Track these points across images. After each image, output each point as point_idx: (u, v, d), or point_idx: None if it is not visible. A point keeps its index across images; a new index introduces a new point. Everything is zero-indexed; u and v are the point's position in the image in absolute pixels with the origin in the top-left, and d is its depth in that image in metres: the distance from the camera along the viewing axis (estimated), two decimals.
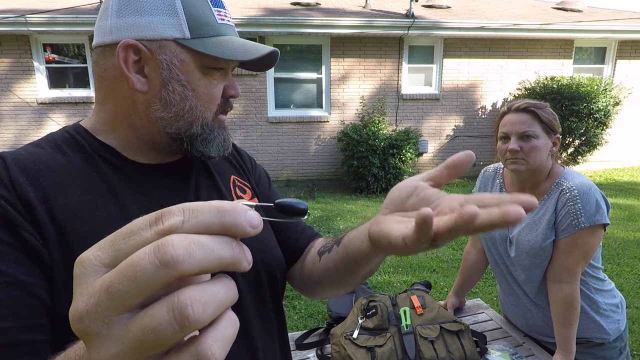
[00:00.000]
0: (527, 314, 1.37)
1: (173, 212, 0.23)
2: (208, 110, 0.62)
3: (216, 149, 0.64)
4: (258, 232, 0.24)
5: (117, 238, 0.23)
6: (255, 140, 7.02)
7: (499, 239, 1.35)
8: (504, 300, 1.47)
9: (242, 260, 0.24)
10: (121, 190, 0.57)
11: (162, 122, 0.60)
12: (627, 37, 7.16)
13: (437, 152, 7.52)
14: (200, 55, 0.58)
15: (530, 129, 1.20)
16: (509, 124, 1.23)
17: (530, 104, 1.22)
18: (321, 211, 5.30)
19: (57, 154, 0.57)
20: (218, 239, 0.23)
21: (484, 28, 6.72)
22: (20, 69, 6.44)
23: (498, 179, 1.41)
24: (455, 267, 3.59)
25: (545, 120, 1.21)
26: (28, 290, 0.47)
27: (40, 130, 6.61)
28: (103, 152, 0.60)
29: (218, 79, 0.62)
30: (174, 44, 0.57)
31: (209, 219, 0.23)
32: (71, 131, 0.61)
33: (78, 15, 6.00)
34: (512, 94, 7.38)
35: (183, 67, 0.58)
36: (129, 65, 0.57)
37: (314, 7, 7.46)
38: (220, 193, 0.69)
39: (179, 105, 0.59)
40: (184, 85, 0.59)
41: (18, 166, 0.53)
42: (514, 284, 1.37)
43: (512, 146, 1.21)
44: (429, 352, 1.22)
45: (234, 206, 0.24)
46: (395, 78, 7.14)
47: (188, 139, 0.61)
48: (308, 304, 2.96)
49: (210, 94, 0.62)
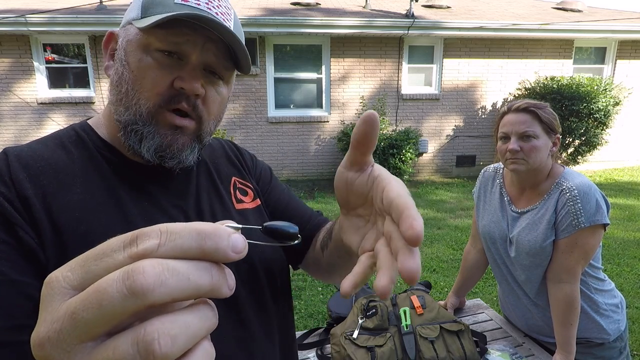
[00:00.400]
0: (527, 314, 1.37)
1: (149, 234, 0.21)
2: (144, 98, 0.55)
3: (147, 149, 0.56)
4: (242, 257, 0.23)
5: (89, 259, 0.21)
6: (255, 140, 7.02)
7: (499, 239, 1.35)
8: (504, 301, 1.47)
9: (222, 287, 0.22)
10: (121, 191, 0.57)
11: (112, 108, 0.58)
12: (627, 37, 7.16)
13: (437, 152, 7.52)
14: (144, 34, 0.55)
15: (530, 129, 1.20)
16: (509, 124, 1.24)
17: (530, 104, 1.22)
18: (321, 211, 5.30)
19: (60, 152, 0.57)
20: (196, 265, 0.21)
21: (484, 28, 6.72)
22: (20, 69, 6.44)
23: (498, 178, 1.41)
24: (455, 267, 3.59)
25: (545, 120, 1.21)
26: (21, 290, 0.46)
27: (40, 130, 6.61)
28: (105, 150, 0.60)
29: (167, 65, 0.55)
30: (131, 26, 0.57)
31: (188, 243, 0.21)
32: (77, 129, 0.61)
33: (78, 15, 6.00)
34: (512, 94, 7.38)
35: (128, 47, 0.56)
36: (107, 52, 0.61)
37: (314, 7, 7.46)
38: (221, 196, 0.68)
39: (118, 87, 0.56)
40: (124, 65, 0.55)
41: (20, 163, 0.53)
42: (514, 284, 1.37)
43: (512, 146, 1.21)
44: (429, 352, 1.22)
45: (216, 230, 0.22)
46: (395, 78, 7.14)
47: (124, 128, 0.56)
48: (308, 304, 2.96)
49: (149, 79, 0.54)
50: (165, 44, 0.54)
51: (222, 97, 0.61)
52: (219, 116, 0.63)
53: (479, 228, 1.44)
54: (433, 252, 3.94)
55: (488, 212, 1.41)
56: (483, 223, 1.41)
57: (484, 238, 1.42)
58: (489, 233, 1.37)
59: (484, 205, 1.44)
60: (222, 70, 0.59)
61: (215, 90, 0.59)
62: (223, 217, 0.65)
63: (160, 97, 0.55)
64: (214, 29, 0.54)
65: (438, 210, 5.37)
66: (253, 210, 0.71)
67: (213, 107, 0.60)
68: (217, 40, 0.56)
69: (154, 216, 0.58)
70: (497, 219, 1.36)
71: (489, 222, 1.38)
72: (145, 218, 0.57)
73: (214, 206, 0.65)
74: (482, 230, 1.42)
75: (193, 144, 0.59)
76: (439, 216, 5.13)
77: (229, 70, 0.60)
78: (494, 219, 1.37)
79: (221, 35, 0.55)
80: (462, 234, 4.40)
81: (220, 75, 0.60)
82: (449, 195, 6.21)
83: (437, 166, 7.58)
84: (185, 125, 0.57)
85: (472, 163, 7.63)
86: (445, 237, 4.31)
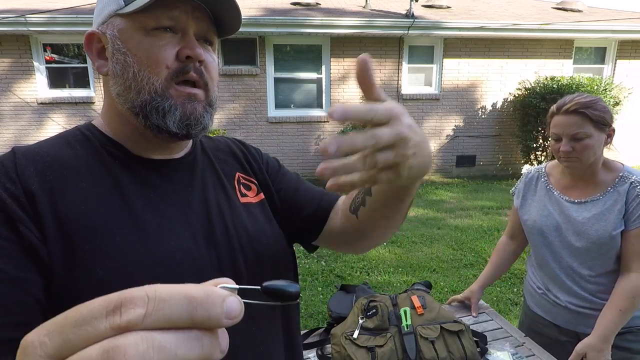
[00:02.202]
0: (576, 307, 1.36)
1: (134, 301, 0.19)
2: (154, 75, 0.56)
3: (173, 122, 0.57)
4: (237, 322, 0.21)
5: (68, 324, 0.20)
6: (255, 140, 7.02)
7: (552, 231, 1.36)
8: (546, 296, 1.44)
9: (214, 354, 0.21)
10: (126, 184, 0.58)
11: (121, 99, 0.59)
12: (627, 37, 7.17)
13: (437, 152, 7.52)
14: (136, 18, 0.56)
15: (581, 131, 1.22)
16: (560, 126, 1.26)
17: (579, 105, 1.22)
18: None
19: (65, 149, 0.58)
20: (184, 337, 0.20)
21: (484, 28, 6.72)
22: (20, 69, 6.44)
23: (542, 177, 1.45)
24: (455, 267, 3.59)
25: (596, 118, 1.21)
26: (21, 287, 0.47)
27: (40, 130, 6.61)
28: (110, 146, 0.61)
29: (166, 40, 0.57)
30: (115, 18, 0.58)
31: (177, 313, 0.20)
32: (82, 129, 0.63)
33: (78, 15, 6.00)
34: (512, 93, 7.38)
35: (123, 36, 0.57)
36: (93, 53, 0.61)
37: (314, 7, 7.46)
38: (225, 189, 0.68)
39: (123, 75, 0.57)
40: (124, 52, 0.57)
41: (27, 159, 0.54)
42: (566, 276, 1.36)
43: (565, 148, 1.24)
44: (429, 352, 1.22)
45: (208, 297, 0.20)
46: (395, 78, 7.14)
47: (141, 110, 0.57)
48: (308, 304, 2.96)
49: (152, 56, 0.56)
50: (160, 20, 0.56)
51: (215, 62, 0.64)
52: (217, 82, 0.66)
53: (527, 223, 1.46)
54: (433, 252, 3.94)
55: (535, 207, 1.43)
56: (532, 218, 1.43)
57: (534, 232, 1.42)
58: (540, 227, 1.39)
59: (530, 203, 1.47)
60: (212, 36, 0.62)
61: (211, 56, 0.62)
62: (229, 209, 0.66)
63: (169, 70, 0.57)
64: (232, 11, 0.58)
65: (438, 210, 5.37)
66: (256, 205, 0.72)
67: (213, 72, 0.62)
68: (200, 8, 0.59)
69: (159, 207, 0.58)
70: (548, 213, 1.38)
71: (539, 216, 1.40)
72: (150, 209, 0.57)
73: (219, 199, 0.66)
74: (531, 224, 1.43)
75: (208, 109, 0.61)
76: (439, 216, 5.13)
77: (215, 36, 0.63)
78: (544, 212, 1.39)
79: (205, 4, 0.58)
80: (462, 234, 4.40)
81: (211, 41, 0.63)
82: (449, 195, 6.21)
83: (437, 166, 7.58)
84: (196, 93, 0.59)
85: (472, 163, 7.63)
86: (445, 237, 4.31)
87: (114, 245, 0.52)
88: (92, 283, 0.49)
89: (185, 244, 0.57)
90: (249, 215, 0.68)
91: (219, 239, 0.62)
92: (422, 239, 4.28)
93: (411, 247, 4.07)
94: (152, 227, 0.56)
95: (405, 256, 3.82)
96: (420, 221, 4.91)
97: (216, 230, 0.62)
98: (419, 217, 5.11)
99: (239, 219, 0.66)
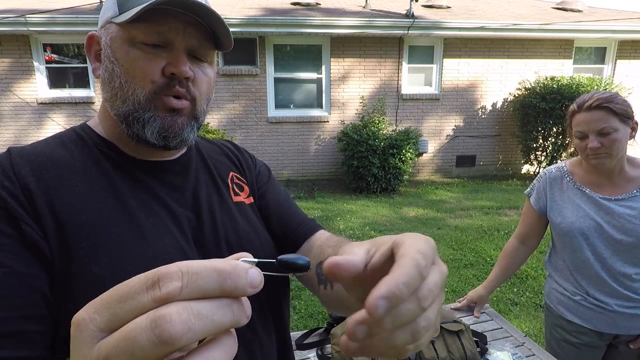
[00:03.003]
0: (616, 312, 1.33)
1: (170, 275, 0.22)
2: (139, 87, 0.57)
3: (152, 133, 0.58)
4: (258, 290, 0.24)
5: (113, 300, 0.22)
6: (255, 140, 7.02)
7: (593, 232, 1.32)
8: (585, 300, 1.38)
9: (241, 319, 0.24)
10: (120, 184, 0.58)
11: (108, 104, 0.60)
12: (627, 37, 7.17)
13: (437, 152, 7.52)
14: (126, 28, 0.57)
15: (607, 125, 1.21)
16: (584, 123, 1.24)
17: (601, 100, 1.22)
18: (321, 211, 5.30)
19: (60, 149, 0.59)
20: (218, 304, 0.22)
21: (484, 28, 6.72)
22: (20, 69, 6.44)
23: (566, 176, 1.41)
24: (456, 266, 3.59)
25: (620, 112, 1.21)
26: (25, 281, 0.47)
27: (40, 130, 6.61)
28: (104, 147, 0.61)
29: (154, 55, 0.57)
30: (111, 25, 0.59)
31: (209, 284, 0.22)
32: (77, 129, 0.64)
33: (78, 15, 6.00)
34: (512, 93, 7.39)
35: (113, 44, 0.58)
36: (92, 55, 0.62)
37: (314, 7, 7.46)
38: (218, 188, 0.69)
39: (110, 83, 0.58)
40: (113, 61, 0.58)
41: (22, 158, 0.55)
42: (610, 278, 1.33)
43: (593, 144, 1.23)
44: (429, 352, 1.22)
45: (235, 268, 0.23)
46: (395, 78, 7.14)
47: (124, 119, 0.59)
48: (308, 304, 2.96)
49: (139, 69, 0.57)
50: (148, 36, 0.56)
51: (209, 77, 0.64)
52: (209, 95, 0.65)
53: (561, 226, 1.39)
54: None
55: (569, 209, 1.37)
56: (568, 220, 1.37)
57: (573, 234, 1.36)
58: (580, 228, 1.34)
59: (560, 204, 1.41)
60: (205, 52, 0.62)
61: (202, 71, 0.62)
62: (220, 208, 0.67)
63: (154, 84, 0.57)
64: (193, 11, 0.56)
65: (438, 210, 5.37)
66: (248, 205, 0.72)
67: (203, 87, 0.62)
68: (195, 24, 0.58)
69: (152, 207, 0.59)
70: (585, 213, 1.34)
71: (577, 217, 1.35)
72: (144, 209, 0.58)
73: (211, 198, 0.67)
74: (567, 227, 1.37)
75: (191, 123, 0.62)
76: (439, 216, 5.13)
77: (211, 51, 0.63)
78: (581, 213, 1.34)
79: (200, 18, 0.58)
80: (462, 234, 4.40)
81: (204, 58, 0.62)
82: (449, 195, 6.21)
83: (437, 166, 7.58)
84: (181, 106, 0.60)
85: (472, 163, 7.63)
86: (445, 237, 4.31)
87: (109, 242, 0.53)
88: (87, 280, 0.50)
89: (178, 243, 0.59)
90: (240, 214, 0.69)
91: (208, 238, 0.63)
92: None
93: None
94: (146, 225, 0.57)
95: None
96: (420, 221, 4.91)
97: (205, 229, 0.63)
98: (419, 217, 5.12)
99: (229, 218, 0.67)
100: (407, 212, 5.30)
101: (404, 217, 5.11)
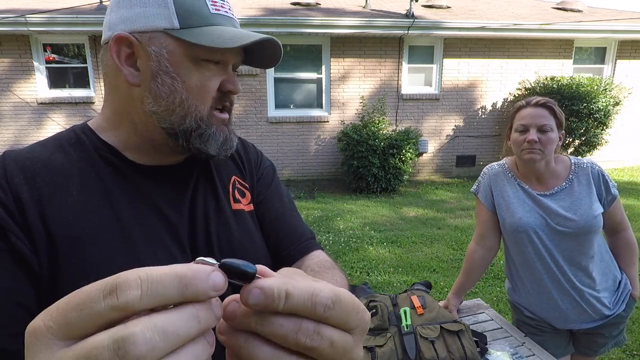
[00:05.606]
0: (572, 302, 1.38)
1: (130, 283, 0.21)
2: (201, 104, 0.59)
3: (215, 147, 0.61)
4: (222, 293, 0.23)
5: (69, 307, 0.21)
6: (255, 140, 7.01)
7: (540, 226, 1.37)
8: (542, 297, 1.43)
9: (210, 324, 0.23)
10: (117, 192, 0.57)
11: (156, 117, 0.58)
12: (627, 37, 7.16)
13: (437, 152, 7.52)
14: (190, 46, 0.56)
15: (548, 123, 1.32)
16: (529, 116, 1.34)
17: (548, 100, 1.35)
18: (321, 211, 5.30)
19: (58, 154, 0.57)
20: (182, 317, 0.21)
21: (484, 28, 6.72)
22: (20, 69, 6.44)
23: (508, 173, 1.47)
24: (455, 267, 3.59)
25: (559, 116, 1.35)
26: (12, 297, 0.46)
27: (40, 130, 6.61)
28: (104, 151, 0.60)
29: (213, 72, 0.59)
30: (164, 35, 0.56)
31: (169, 291, 0.21)
32: (77, 130, 0.62)
33: (78, 15, 5.99)
34: (512, 93, 7.38)
35: (172, 59, 0.56)
36: (122, 58, 0.57)
37: (314, 7, 7.46)
38: (217, 196, 0.67)
39: (168, 98, 0.57)
40: (173, 77, 0.57)
41: (17, 165, 0.53)
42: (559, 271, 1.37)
43: (532, 137, 1.31)
44: (429, 352, 1.22)
45: (195, 273, 0.22)
46: (395, 78, 7.14)
47: (182, 135, 0.59)
48: None
49: (202, 87, 0.58)
50: (211, 54, 0.58)
51: None
52: None
53: (509, 224, 1.42)
54: (433, 252, 3.94)
55: (515, 205, 1.41)
56: (517, 217, 1.39)
57: (521, 232, 1.39)
58: (528, 224, 1.37)
59: (508, 201, 1.43)
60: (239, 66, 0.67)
61: None
62: (216, 218, 0.65)
63: (213, 100, 0.61)
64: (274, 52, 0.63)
65: (438, 210, 5.37)
66: (247, 213, 0.71)
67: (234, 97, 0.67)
68: None
69: (147, 218, 0.58)
70: (530, 208, 1.39)
71: (524, 213, 1.38)
72: (139, 221, 0.57)
73: (208, 207, 0.65)
74: (517, 224, 1.39)
75: (232, 131, 0.66)
76: (439, 216, 5.13)
77: None
78: (527, 209, 1.39)
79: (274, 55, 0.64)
80: (462, 234, 4.40)
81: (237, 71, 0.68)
82: (449, 195, 6.21)
83: (437, 166, 7.58)
84: (225, 118, 0.64)
85: (472, 163, 7.63)
86: (445, 237, 4.31)
87: (99, 257, 0.52)
88: None
89: (171, 255, 0.58)
90: (237, 223, 0.67)
91: (201, 250, 0.62)
92: (422, 239, 4.28)
93: (411, 247, 4.07)
94: (139, 239, 0.56)
95: (405, 256, 3.82)
96: (420, 221, 4.91)
97: (198, 240, 0.62)
98: (419, 217, 5.12)
99: (224, 228, 0.65)
100: (407, 212, 5.30)
101: (404, 217, 5.11)
